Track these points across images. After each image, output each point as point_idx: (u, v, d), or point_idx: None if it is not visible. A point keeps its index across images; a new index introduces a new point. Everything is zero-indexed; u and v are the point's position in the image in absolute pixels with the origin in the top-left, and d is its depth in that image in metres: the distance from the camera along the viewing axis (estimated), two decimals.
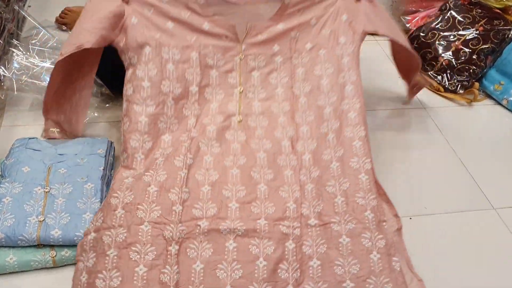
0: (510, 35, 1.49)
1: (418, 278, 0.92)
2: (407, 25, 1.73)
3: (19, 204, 0.96)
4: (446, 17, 1.57)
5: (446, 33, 1.55)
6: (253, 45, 1.15)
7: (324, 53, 1.15)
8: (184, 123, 1.08)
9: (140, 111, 1.04)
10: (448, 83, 1.51)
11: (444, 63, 1.52)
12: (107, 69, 1.18)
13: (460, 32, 1.53)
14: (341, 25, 1.15)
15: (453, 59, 1.51)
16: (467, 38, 1.51)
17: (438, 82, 1.52)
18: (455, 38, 1.53)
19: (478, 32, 1.51)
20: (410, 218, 1.11)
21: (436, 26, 1.57)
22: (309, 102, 1.12)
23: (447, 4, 1.60)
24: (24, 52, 1.28)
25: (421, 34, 1.58)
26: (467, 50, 1.50)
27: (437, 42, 1.55)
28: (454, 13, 1.57)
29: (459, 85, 1.50)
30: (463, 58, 1.50)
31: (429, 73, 1.55)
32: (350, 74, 1.11)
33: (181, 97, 1.09)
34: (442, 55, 1.53)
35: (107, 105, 1.33)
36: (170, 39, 1.10)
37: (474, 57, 1.49)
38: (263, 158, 1.04)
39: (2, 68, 1.27)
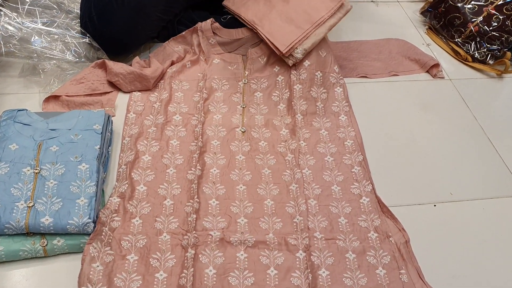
0: None
1: (428, 286, 0.88)
2: None
3: (6, 187, 0.87)
4: None
5: None
6: (256, 70, 1.25)
7: (320, 76, 1.20)
8: (191, 130, 1.11)
9: (149, 124, 1.11)
10: (477, 52, 1.38)
11: (473, 30, 1.38)
12: (106, 35, 1.17)
13: None
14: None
15: (484, 26, 1.37)
16: (501, 2, 1.37)
17: (466, 51, 1.40)
18: (487, 2, 1.39)
19: None
20: (434, 205, 1.02)
21: None
22: (306, 120, 1.15)
23: None
24: (12, 12, 1.16)
25: None
26: (500, 15, 1.36)
27: (466, 6, 1.41)
28: None
29: (489, 55, 1.37)
30: (495, 24, 1.37)
31: (456, 40, 1.42)
32: (343, 105, 1.19)
33: (188, 111, 1.16)
34: (472, 20, 1.39)
35: None
36: (181, 74, 1.24)
37: (507, 23, 1.36)
38: (268, 174, 1.04)
39: None
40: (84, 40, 1.19)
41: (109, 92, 1.18)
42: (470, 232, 0.98)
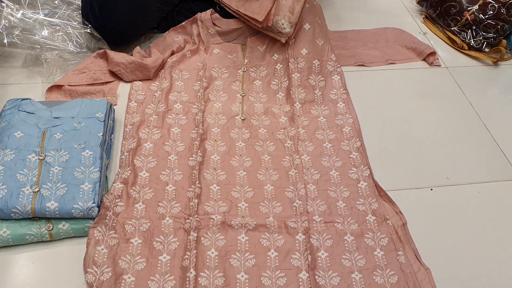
0: None
1: (425, 267, 0.90)
2: None
3: (12, 173, 0.89)
4: None
5: None
6: (255, 58, 1.27)
7: (318, 64, 1.21)
8: (192, 118, 1.12)
9: (151, 112, 1.13)
10: (473, 40, 1.40)
11: (469, 18, 1.40)
12: (107, 25, 1.20)
13: None
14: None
15: (479, 14, 1.39)
16: None
17: (462, 39, 1.41)
18: None
19: None
20: (431, 189, 1.04)
21: None
22: (304, 108, 1.17)
23: None
24: (14, 4, 1.17)
25: None
26: (495, 4, 1.38)
27: None
28: None
29: (485, 43, 1.39)
30: (490, 12, 1.38)
31: (453, 29, 1.44)
32: (341, 92, 1.22)
33: (189, 100, 1.18)
34: (468, 9, 1.41)
35: None
36: (181, 63, 1.26)
37: (503, 11, 1.37)
38: (268, 161, 1.06)
39: None
40: (85, 30, 1.21)
41: (110, 82, 1.20)
42: (466, 215, 1.00)
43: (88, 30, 1.20)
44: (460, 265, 0.91)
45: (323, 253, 0.90)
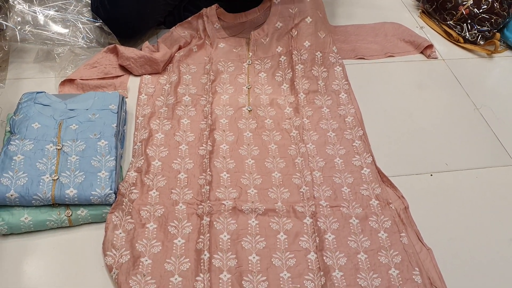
0: None
1: (427, 247, 0.95)
2: None
3: (31, 162, 0.93)
4: None
5: None
6: (259, 51, 1.32)
7: (320, 56, 1.27)
8: (200, 109, 1.17)
9: (161, 104, 1.17)
10: (468, 34, 1.45)
11: (464, 13, 1.45)
12: (117, 18, 1.25)
13: None
14: None
15: (474, 8, 1.44)
16: None
17: (458, 32, 1.46)
18: None
19: None
20: (431, 175, 1.09)
21: None
22: (308, 98, 1.22)
23: None
24: (25, 1, 1.21)
25: None
26: None
27: None
28: None
29: (480, 36, 1.44)
30: (484, 7, 1.43)
31: (449, 23, 1.48)
32: (343, 83, 1.26)
33: (197, 92, 1.22)
34: (463, 3, 1.45)
35: None
36: (188, 58, 1.30)
37: (496, 5, 1.42)
38: (274, 149, 1.11)
39: (3, 17, 1.20)
40: (95, 25, 1.24)
41: (121, 76, 1.24)
42: (464, 199, 1.05)
43: (98, 24, 1.24)
44: (459, 245, 0.96)
45: (330, 235, 0.94)
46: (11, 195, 0.88)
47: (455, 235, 0.97)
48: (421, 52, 1.42)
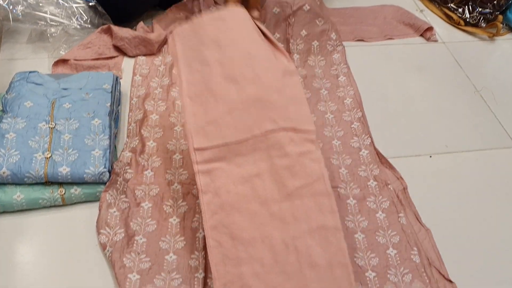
0: None
1: (425, 228, 0.93)
2: None
3: (24, 140, 0.91)
4: None
5: None
6: None
7: (317, 45, 1.27)
8: None
9: (155, 85, 1.15)
10: (470, 16, 1.43)
11: None
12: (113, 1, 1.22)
13: None
14: None
15: None
16: None
17: (459, 15, 1.44)
18: None
19: None
20: (430, 157, 1.07)
21: None
22: (306, 82, 1.20)
23: None
24: None
25: None
26: None
27: None
28: None
29: (481, 18, 1.42)
30: None
31: (449, 5, 1.46)
32: (341, 67, 1.25)
33: None
34: None
35: None
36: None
37: None
38: None
39: None
40: (89, 5, 1.22)
41: (115, 57, 1.22)
42: (464, 180, 1.03)
43: (92, 5, 1.22)
44: (458, 226, 0.94)
45: None
46: (3, 173, 0.86)
47: (454, 216, 0.96)
48: (421, 35, 1.40)
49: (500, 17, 1.41)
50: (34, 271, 0.82)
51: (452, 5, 1.46)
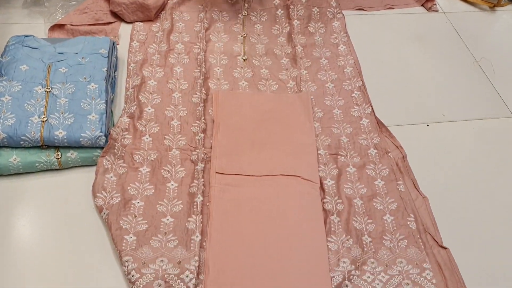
0: None
1: (423, 195, 0.94)
2: None
3: (19, 103, 0.91)
4: None
5: None
6: (255, 2, 1.28)
7: (317, 11, 1.25)
8: (194, 57, 1.14)
9: (153, 52, 1.14)
10: None
11: None
12: None
13: None
14: None
15: None
16: None
17: None
18: None
19: None
20: (428, 125, 1.07)
21: None
22: (306, 51, 1.20)
23: None
24: None
25: None
26: None
27: None
28: None
29: None
30: None
31: None
32: (341, 36, 1.24)
33: (190, 40, 1.19)
34: None
35: None
36: (182, 5, 1.26)
37: None
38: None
39: None
40: None
41: (112, 22, 1.20)
42: (461, 149, 1.03)
43: None
44: (455, 194, 0.95)
45: (329, 181, 0.93)
46: None
47: (451, 184, 0.96)
48: (422, 5, 1.39)
49: None
50: (31, 233, 0.82)
51: None
